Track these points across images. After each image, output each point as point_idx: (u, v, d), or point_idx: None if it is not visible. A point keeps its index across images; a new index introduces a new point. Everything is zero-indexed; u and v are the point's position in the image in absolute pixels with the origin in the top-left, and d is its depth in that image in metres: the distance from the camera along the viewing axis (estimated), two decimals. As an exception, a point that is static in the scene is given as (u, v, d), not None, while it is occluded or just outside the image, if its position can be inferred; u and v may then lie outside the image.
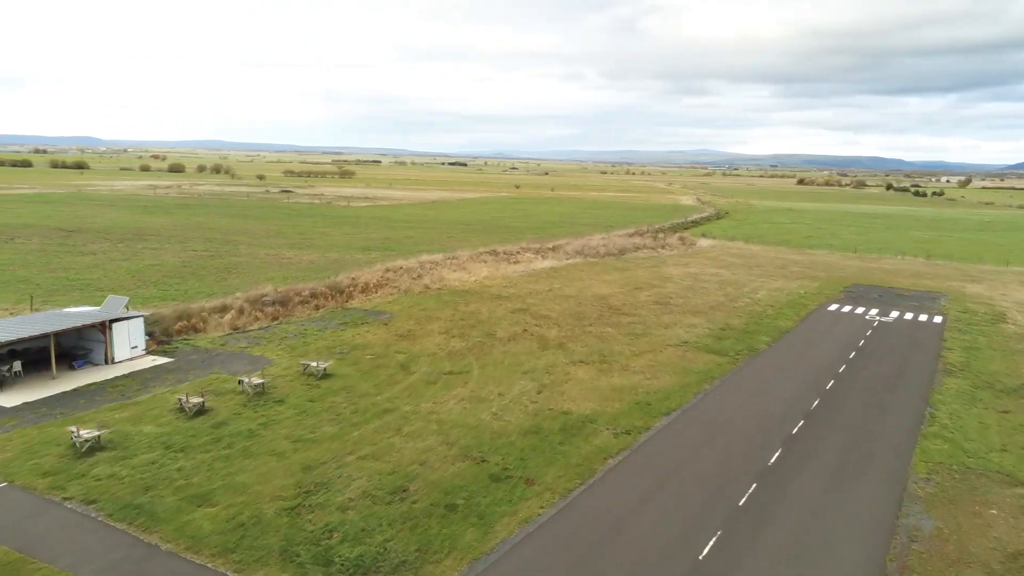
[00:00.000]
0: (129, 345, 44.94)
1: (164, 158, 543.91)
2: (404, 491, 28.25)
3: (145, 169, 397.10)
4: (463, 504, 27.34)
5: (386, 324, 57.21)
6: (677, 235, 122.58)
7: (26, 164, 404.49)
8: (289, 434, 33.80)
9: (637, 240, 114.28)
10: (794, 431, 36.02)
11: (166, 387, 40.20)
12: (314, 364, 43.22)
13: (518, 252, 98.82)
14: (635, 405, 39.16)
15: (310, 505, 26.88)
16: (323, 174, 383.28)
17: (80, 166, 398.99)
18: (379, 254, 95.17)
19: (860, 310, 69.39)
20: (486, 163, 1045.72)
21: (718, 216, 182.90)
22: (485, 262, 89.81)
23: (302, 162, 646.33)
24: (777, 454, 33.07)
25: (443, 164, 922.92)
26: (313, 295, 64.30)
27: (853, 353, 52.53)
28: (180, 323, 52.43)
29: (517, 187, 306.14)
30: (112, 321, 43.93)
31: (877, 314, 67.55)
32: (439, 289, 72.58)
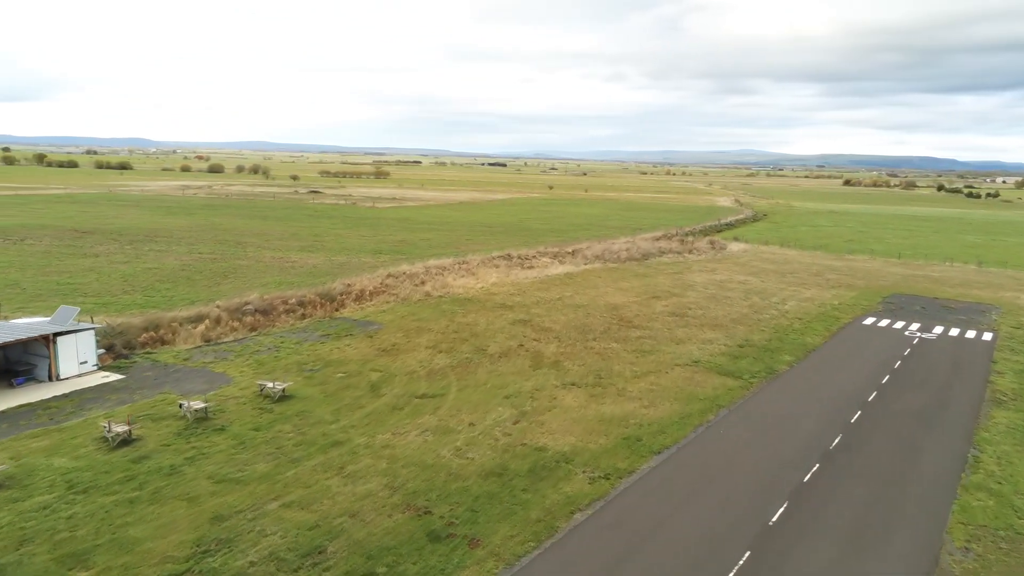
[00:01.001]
0: (77, 360, 41.29)
1: (208, 159, 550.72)
2: (320, 553, 23.64)
3: (186, 170, 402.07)
4: (384, 574, 22.61)
5: (371, 336, 52.87)
6: (707, 239, 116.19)
7: (72, 164, 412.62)
8: (215, 472, 29.48)
9: (663, 244, 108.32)
10: (806, 478, 30.45)
11: (104, 410, 36.33)
12: (271, 385, 38.99)
13: (534, 256, 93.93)
14: (623, 441, 33.96)
15: (201, 571, 22.42)
16: (358, 175, 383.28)
17: (124, 167, 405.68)
18: (389, 257, 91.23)
19: (899, 324, 62.81)
20: (526, 163, 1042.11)
21: (755, 218, 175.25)
22: (497, 267, 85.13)
23: (343, 163, 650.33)
24: (781, 510, 27.60)
25: (483, 164, 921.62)
26: (301, 303, 60.36)
27: (887, 377, 46.40)
28: (147, 334, 48.81)
29: (550, 188, 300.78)
30: (57, 334, 40.32)
31: (918, 329, 60.95)
32: (440, 297, 68.08)
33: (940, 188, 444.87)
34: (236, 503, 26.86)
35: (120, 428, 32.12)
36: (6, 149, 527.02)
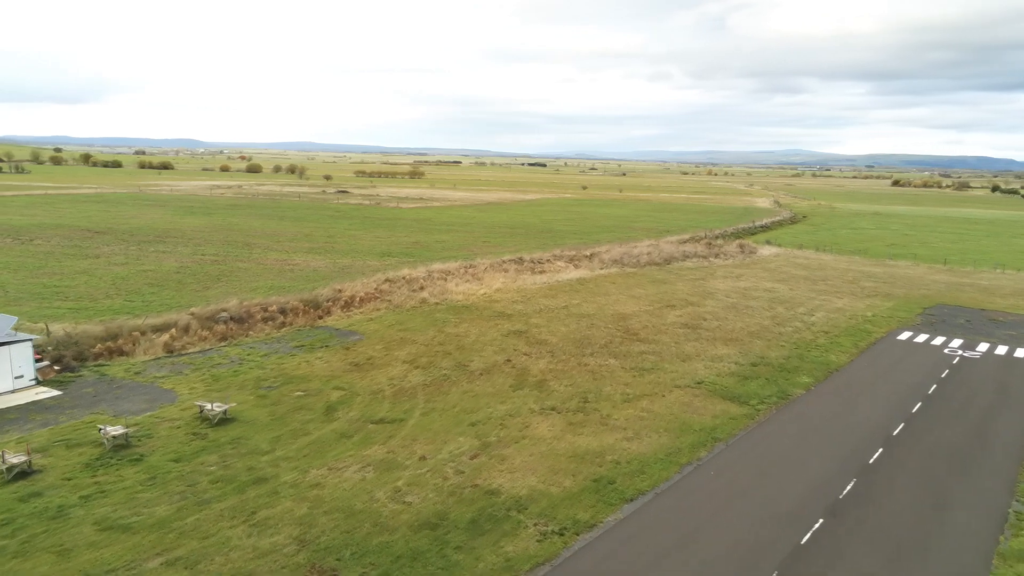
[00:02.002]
0: (12, 375, 37.93)
1: (249, 159, 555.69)
2: (183, 632, 19.35)
3: (225, 170, 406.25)
4: (248, 667, 18.21)
5: (348, 348, 48.76)
6: (737, 242, 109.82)
7: (116, 165, 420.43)
8: (105, 516, 25.47)
9: (688, 248, 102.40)
10: (803, 539, 25.18)
11: (21, 433, 32.73)
12: (209, 406, 35.00)
13: (548, 260, 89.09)
14: (592, 483, 29.06)
15: (26, 656, 18.30)
16: (393, 174, 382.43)
17: (165, 167, 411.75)
18: (397, 260, 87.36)
19: (939, 340, 56.42)
20: (566, 164, 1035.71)
21: (792, 220, 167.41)
22: (505, 271, 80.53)
23: (384, 163, 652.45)
24: (768, 584, 22.47)
25: (523, 165, 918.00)
26: (282, 311, 56.60)
27: (918, 404, 40.51)
28: (104, 344, 45.41)
29: (584, 188, 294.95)
30: (-14, 347, 36.98)
31: (960, 346, 54.55)
32: (436, 304, 63.75)
33: (995, 189, 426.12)
34: (112, 559, 22.76)
35: (17, 459, 28.37)
36: (58, 150, 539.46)
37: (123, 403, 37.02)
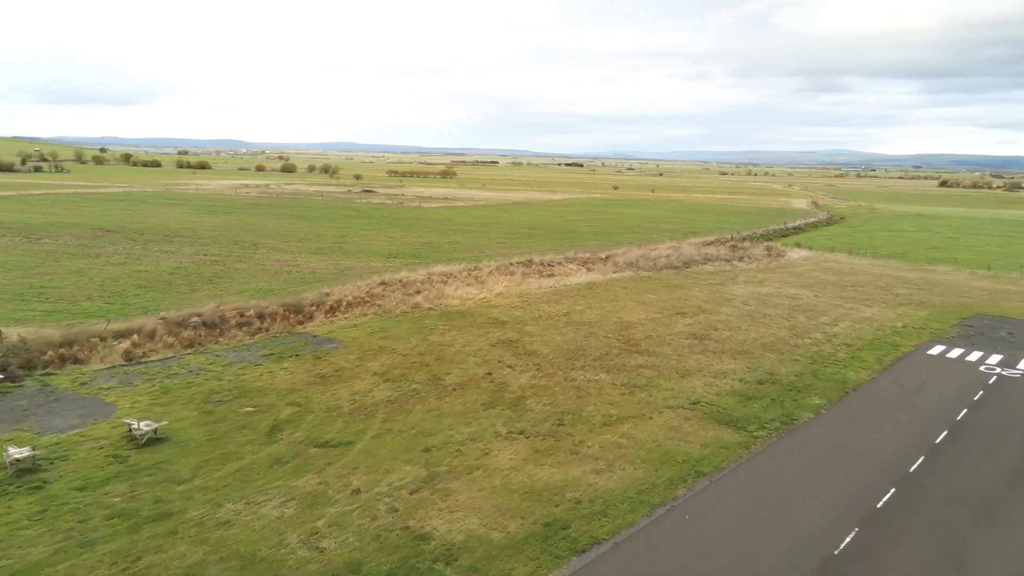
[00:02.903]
0: (-60, 385, 35.18)
1: (287, 159, 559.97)
2: None
3: (260, 169, 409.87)
4: None
5: (318, 358, 45.32)
6: (764, 244, 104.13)
7: (155, 164, 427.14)
8: (-31, 558, 22.21)
9: (710, 250, 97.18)
10: (783, 611, 20.75)
11: (-72, 452, 29.79)
12: (137, 424, 31.73)
13: (559, 263, 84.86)
14: (543, 528, 24.96)
15: None
16: (426, 174, 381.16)
17: (202, 166, 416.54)
18: (402, 262, 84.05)
19: (975, 355, 50.89)
20: (603, 164, 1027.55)
21: (828, 222, 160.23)
22: (512, 274, 76.57)
23: (421, 163, 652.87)
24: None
25: (560, 165, 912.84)
26: (260, 315, 53.48)
27: (943, 433, 35.49)
28: (58, 351, 42.66)
29: (615, 188, 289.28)
30: (-89, 355, 34.30)
31: (999, 363, 49.00)
32: (429, 309, 60.11)
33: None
34: (-49, 616, 19.42)
35: None
36: (103, 150, 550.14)
37: (54, 418, 34.01)
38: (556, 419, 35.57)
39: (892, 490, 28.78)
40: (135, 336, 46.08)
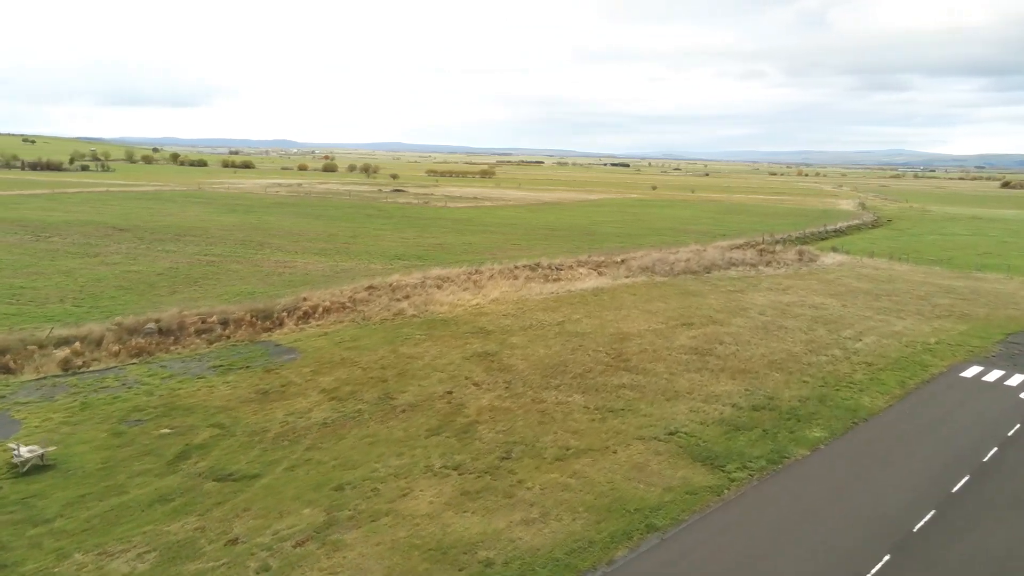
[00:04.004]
0: None
1: (332, 158, 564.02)
2: None
3: (303, 168, 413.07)
4: None
5: (269, 371, 41.52)
6: (796, 248, 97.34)
7: (202, 164, 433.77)
8: None
9: (736, 254, 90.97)
10: None
11: None
12: (17, 450, 28.16)
13: (569, 267, 79.96)
14: (432, 601, 20.38)
15: None
16: (465, 174, 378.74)
17: (247, 165, 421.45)
18: (406, 264, 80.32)
19: (1017, 379, 44.47)
20: (650, 164, 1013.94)
21: (874, 224, 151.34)
22: (515, 278, 72.03)
23: (466, 163, 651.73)
24: None
25: (605, 165, 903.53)
26: (224, 322, 50.05)
27: (964, 479, 29.75)
28: (-12, 360, 39.70)
29: (653, 188, 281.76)
30: None
31: (1044, 389, 42.57)
32: (412, 316, 55.99)
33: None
34: None
35: None
36: (155, 150, 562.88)
37: (-55, 438, 30.72)
38: (504, 450, 30.94)
39: (887, 557, 23.41)
40: (78, 344, 42.93)
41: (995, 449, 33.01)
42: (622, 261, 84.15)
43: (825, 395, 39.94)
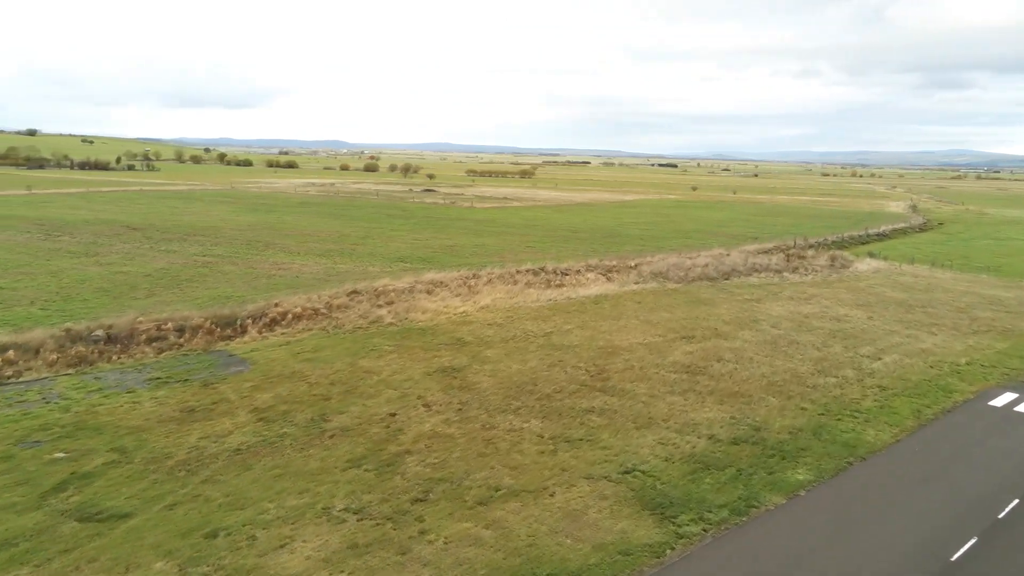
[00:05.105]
0: None
1: (376, 158, 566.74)
2: None
3: (344, 168, 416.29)
4: None
5: (207, 385, 38.16)
6: (829, 254, 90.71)
7: (247, 163, 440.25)
8: None
9: (761, 259, 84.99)
10: None
11: None
12: None
13: (577, 271, 75.37)
14: None
15: None
16: (504, 174, 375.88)
17: (291, 165, 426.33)
18: (407, 267, 77.03)
19: (1057, 410, 38.43)
20: (698, 164, 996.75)
21: (922, 228, 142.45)
22: (514, 283, 67.85)
23: (513, 163, 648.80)
24: None
25: (652, 165, 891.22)
26: (181, 329, 47.00)
27: (970, 542, 24.45)
28: (-90, 369, 37.19)
29: (694, 189, 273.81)
30: None
31: (1089, 424, 36.50)
32: (389, 324, 52.27)
33: None
34: None
35: None
36: (207, 150, 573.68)
37: None
38: (422, 489, 26.78)
39: (848, 653, 18.48)
40: (11, 352, 40.23)
41: (1016, 502, 27.50)
42: (635, 266, 79.12)
43: (822, 426, 34.73)
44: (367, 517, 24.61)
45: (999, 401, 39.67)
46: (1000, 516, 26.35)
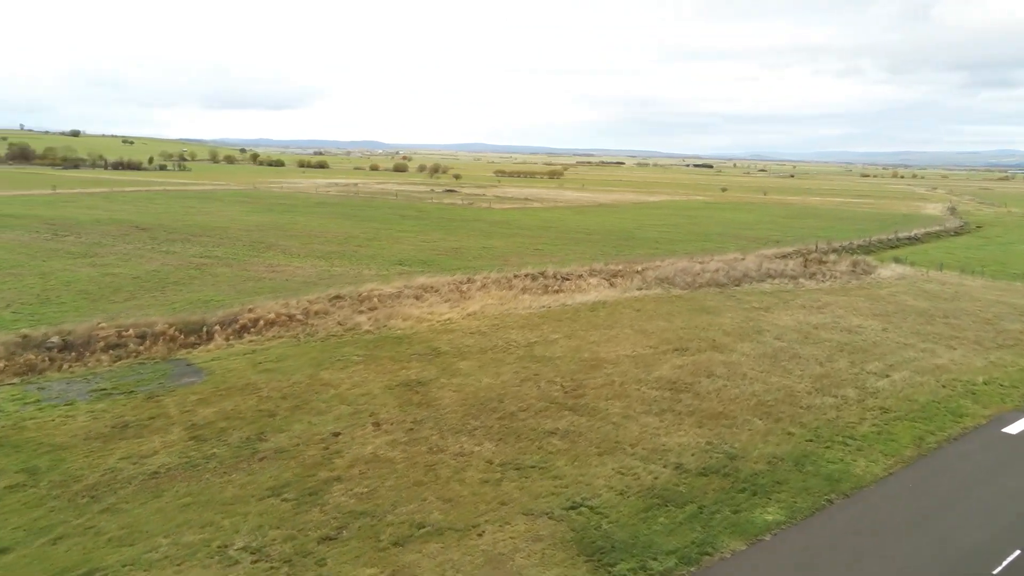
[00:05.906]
0: None
1: (407, 159, 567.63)
2: None
3: (374, 168, 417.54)
4: None
5: (152, 398, 36.06)
6: (850, 259, 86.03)
7: (279, 163, 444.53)
8: None
9: (778, 264, 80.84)
10: None
11: None
12: None
13: (578, 276, 72.16)
14: None
15: None
16: (532, 174, 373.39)
17: (321, 165, 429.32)
18: (405, 270, 74.70)
19: (1080, 440, 34.34)
20: (735, 165, 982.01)
21: (958, 231, 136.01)
22: (509, 288, 65.01)
23: (546, 163, 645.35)
24: None
25: (687, 166, 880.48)
26: (142, 336, 45.05)
27: (954, 606, 20.93)
28: None
29: (723, 190, 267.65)
30: None
31: (1115, 457, 32.38)
32: (366, 332, 49.87)
33: None
34: None
35: None
36: (242, 151, 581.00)
37: None
38: (337, 525, 24.11)
39: None
40: (-44, 360, 38.56)
41: (1016, 553, 23.83)
42: (640, 270, 75.63)
43: (807, 454, 31.25)
44: (264, 559, 22.00)
45: (1015, 428, 35.69)
46: (995, 572, 22.73)
